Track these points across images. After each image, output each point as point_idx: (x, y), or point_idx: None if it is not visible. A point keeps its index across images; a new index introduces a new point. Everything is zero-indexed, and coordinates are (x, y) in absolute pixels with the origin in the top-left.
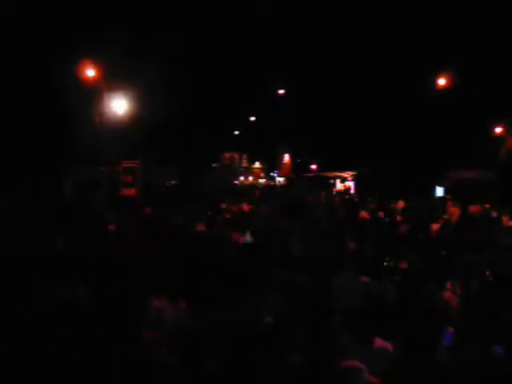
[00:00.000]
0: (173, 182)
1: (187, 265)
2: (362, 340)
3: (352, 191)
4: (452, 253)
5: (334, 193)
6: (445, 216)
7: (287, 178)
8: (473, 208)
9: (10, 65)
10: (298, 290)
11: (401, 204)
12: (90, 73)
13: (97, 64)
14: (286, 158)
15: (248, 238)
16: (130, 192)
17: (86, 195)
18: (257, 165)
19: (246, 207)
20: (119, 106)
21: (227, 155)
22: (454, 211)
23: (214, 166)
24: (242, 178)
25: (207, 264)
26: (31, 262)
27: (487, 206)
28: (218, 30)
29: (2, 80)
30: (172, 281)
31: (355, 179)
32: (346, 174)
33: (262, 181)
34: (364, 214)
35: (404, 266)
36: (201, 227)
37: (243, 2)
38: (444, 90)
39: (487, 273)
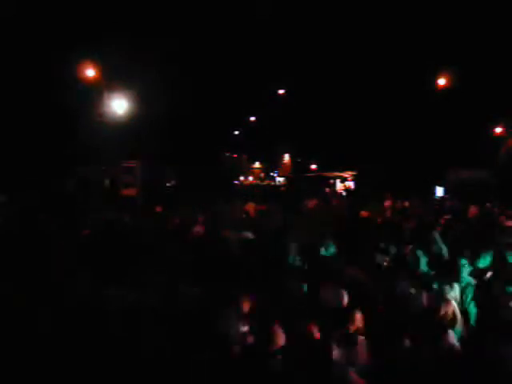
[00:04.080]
0: (173, 182)
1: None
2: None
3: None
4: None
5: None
6: (445, 216)
7: (287, 178)
8: (472, 208)
9: (11, 65)
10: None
11: (388, 203)
12: (90, 73)
13: (97, 64)
14: (286, 158)
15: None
16: (130, 192)
17: (85, 194)
18: (257, 165)
19: (250, 207)
20: (119, 105)
21: (227, 155)
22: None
23: (213, 166)
24: (242, 178)
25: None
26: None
27: (487, 205)
28: (218, 31)
29: (3, 80)
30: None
31: (355, 179)
32: (346, 174)
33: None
34: (364, 213)
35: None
36: (199, 227)
37: (243, 2)
38: (444, 89)
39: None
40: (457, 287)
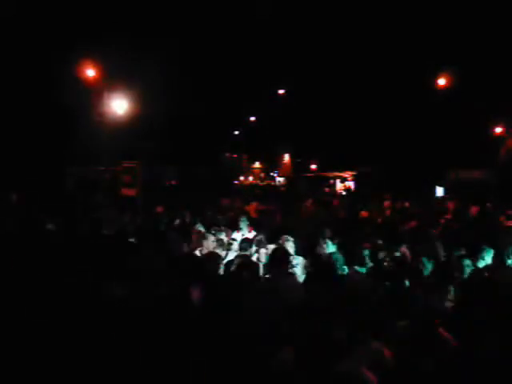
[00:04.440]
0: (173, 182)
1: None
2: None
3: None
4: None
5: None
6: (446, 216)
7: (287, 178)
8: (473, 208)
9: (11, 65)
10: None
11: (388, 203)
12: (90, 73)
13: (97, 64)
14: (286, 158)
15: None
16: (130, 192)
17: (85, 194)
18: (257, 165)
19: (252, 207)
20: (119, 105)
21: (227, 155)
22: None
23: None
24: (242, 178)
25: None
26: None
27: (488, 205)
28: (218, 31)
29: (2, 80)
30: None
31: (355, 179)
32: (345, 174)
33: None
34: (364, 213)
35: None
36: (199, 227)
37: (243, 2)
38: (444, 89)
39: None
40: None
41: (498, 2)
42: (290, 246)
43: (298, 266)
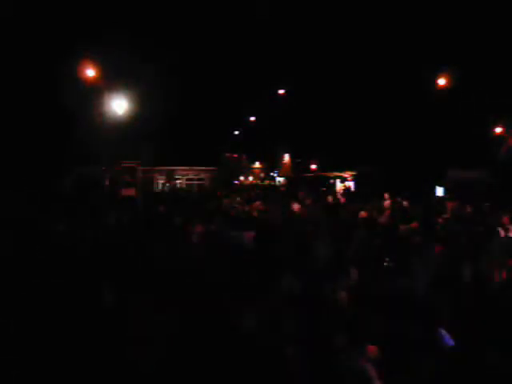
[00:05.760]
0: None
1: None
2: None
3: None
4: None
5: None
6: (445, 216)
7: (287, 178)
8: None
9: (11, 65)
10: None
11: (388, 203)
12: (90, 73)
13: (97, 64)
14: (286, 158)
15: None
16: (130, 192)
17: (85, 194)
18: (257, 165)
19: (256, 206)
20: (119, 105)
21: (227, 155)
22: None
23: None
24: (242, 178)
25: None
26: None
27: (487, 205)
28: (219, 31)
29: (3, 80)
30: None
31: (355, 179)
32: (345, 174)
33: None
34: (364, 214)
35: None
36: (199, 227)
37: (243, 3)
38: (444, 89)
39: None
40: None
41: (498, 1)
42: None
43: None
